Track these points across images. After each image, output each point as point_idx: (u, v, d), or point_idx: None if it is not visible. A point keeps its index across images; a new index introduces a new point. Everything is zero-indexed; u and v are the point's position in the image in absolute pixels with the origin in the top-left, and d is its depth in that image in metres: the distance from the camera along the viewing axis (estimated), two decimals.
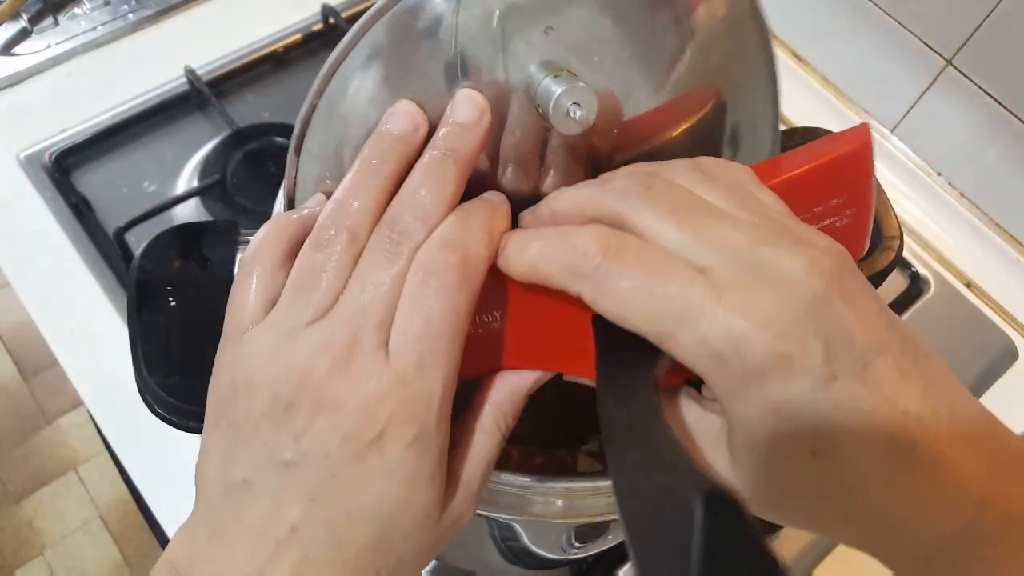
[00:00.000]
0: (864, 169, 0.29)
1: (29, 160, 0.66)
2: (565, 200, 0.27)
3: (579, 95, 0.26)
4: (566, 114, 0.26)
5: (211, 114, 0.71)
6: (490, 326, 0.28)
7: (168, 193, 0.66)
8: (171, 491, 0.54)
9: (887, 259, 0.40)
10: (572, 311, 0.26)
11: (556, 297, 0.26)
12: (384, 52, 0.27)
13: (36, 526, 1.38)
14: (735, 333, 0.22)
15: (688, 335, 0.23)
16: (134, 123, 0.69)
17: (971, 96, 0.68)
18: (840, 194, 0.29)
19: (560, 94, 0.26)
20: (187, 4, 0.76)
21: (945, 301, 0.69)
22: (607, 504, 0.33)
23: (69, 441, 1.46)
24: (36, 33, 0.73)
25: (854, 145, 0.29)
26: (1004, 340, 0.67)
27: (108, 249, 0.62)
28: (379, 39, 0.27)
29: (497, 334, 0.28)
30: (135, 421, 0.55)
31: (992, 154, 0.70)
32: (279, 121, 0.70)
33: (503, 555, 0.48)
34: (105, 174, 0.67)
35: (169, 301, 0.34)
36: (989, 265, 0.72)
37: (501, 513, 0.33)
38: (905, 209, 0.74)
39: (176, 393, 0.32)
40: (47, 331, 0.59)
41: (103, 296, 0.61)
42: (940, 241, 0.73)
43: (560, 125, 0.26)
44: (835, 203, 0.29)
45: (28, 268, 0.62)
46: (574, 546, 0.48)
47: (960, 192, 0.75)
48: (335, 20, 0.74)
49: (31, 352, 1.53)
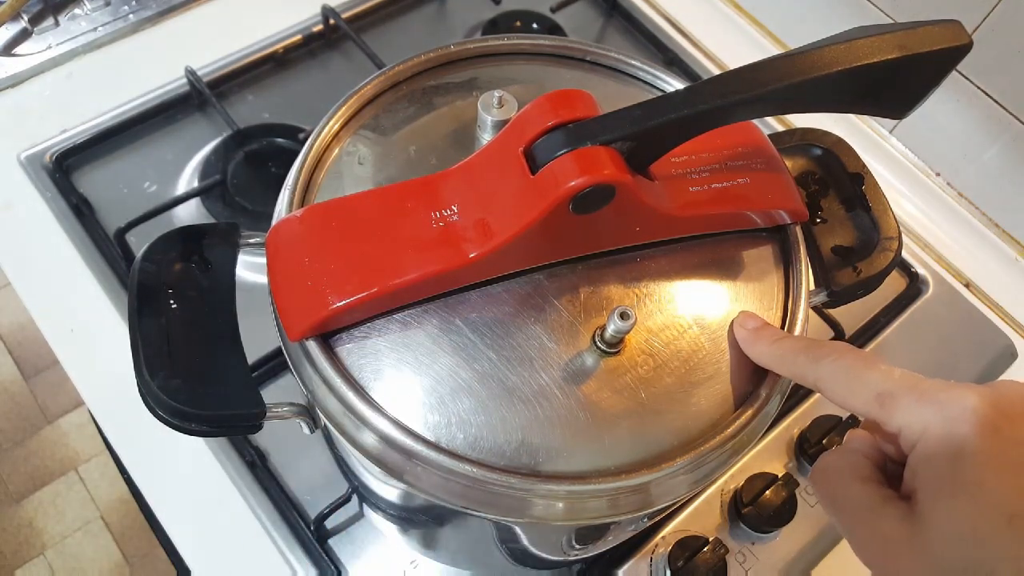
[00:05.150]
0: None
1: (30, 160, 0.66)
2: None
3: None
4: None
5: (211, 115, 0.71)
6: (448, 219, 0.33)
7: (169, 194, 0.66)
8: (172, 491, 0.54)
9: (886, 259, 0.40)
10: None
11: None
12: None
13: (37, 526, 1.38)
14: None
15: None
16: (135, 124, 0.69)
17: (970, 96, 0.68)
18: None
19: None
20: (188, 5, 0.76)
21: (944, 301, 0.69)
22: (608, 506, 0.34)
23: (70, 441, 1.46)
24: (37, 34, 0.73)
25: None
26: (1003, 340, 0.68)
27: (108, 249, 0.63)
28: None
29: (455, 226, 0.33)
30: (136, 421, 0.55)
31: (991, 154, 0.70)
32: (279, 122, 0.70)
33: (503, 556, 0.48)
34: (106, 174, 0.67)
35: (170, 303, 0.34)
36: (988, 265, 0.72)
37: (502, 515, 0.33)
38: (904, 209, 0.75)
39: (178, 396, 0.32)
40: (48, 331, 0.59)
41: (103, 296, 0.61)
42: (939, 241, 0.73)
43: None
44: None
45: (29, 268, 0.62)
46: (574, 547, 0.48)
47: (959, 192, 0.75)
48: (335, 21, 0.74)
49: (31, 352, 1.53)
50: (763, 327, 0.36)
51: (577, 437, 0.33)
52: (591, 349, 0.35)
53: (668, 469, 0.33)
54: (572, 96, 0.33)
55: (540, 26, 0.80)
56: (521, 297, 0.36)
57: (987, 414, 0.26)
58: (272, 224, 0.37)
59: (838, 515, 0.30)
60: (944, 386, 0.27)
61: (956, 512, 0.25)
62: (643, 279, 0.37)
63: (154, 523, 0.54)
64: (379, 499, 0.46)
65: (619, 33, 0.82)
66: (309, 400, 0.36)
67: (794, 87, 0.32)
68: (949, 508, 0.26)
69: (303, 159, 0.39)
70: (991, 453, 0.25)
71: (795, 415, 0.60)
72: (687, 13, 0.83)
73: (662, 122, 0.32)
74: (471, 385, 0.34)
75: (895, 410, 0.28)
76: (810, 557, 0.55)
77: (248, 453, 0.56)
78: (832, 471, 0.31)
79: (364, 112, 0.41)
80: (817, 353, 0.32)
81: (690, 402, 0.35)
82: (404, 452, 0.32)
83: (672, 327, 0.36)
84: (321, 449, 0.57)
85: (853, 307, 0.49)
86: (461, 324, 0.35)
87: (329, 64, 0.75)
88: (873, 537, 0.28)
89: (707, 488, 0.56)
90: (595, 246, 0.37)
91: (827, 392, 0.31)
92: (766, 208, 0.38)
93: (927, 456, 0.27)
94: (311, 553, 0.53)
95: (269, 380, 0.59)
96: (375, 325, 0.35)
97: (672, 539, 0.53)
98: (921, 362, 0.65)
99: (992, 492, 0.25)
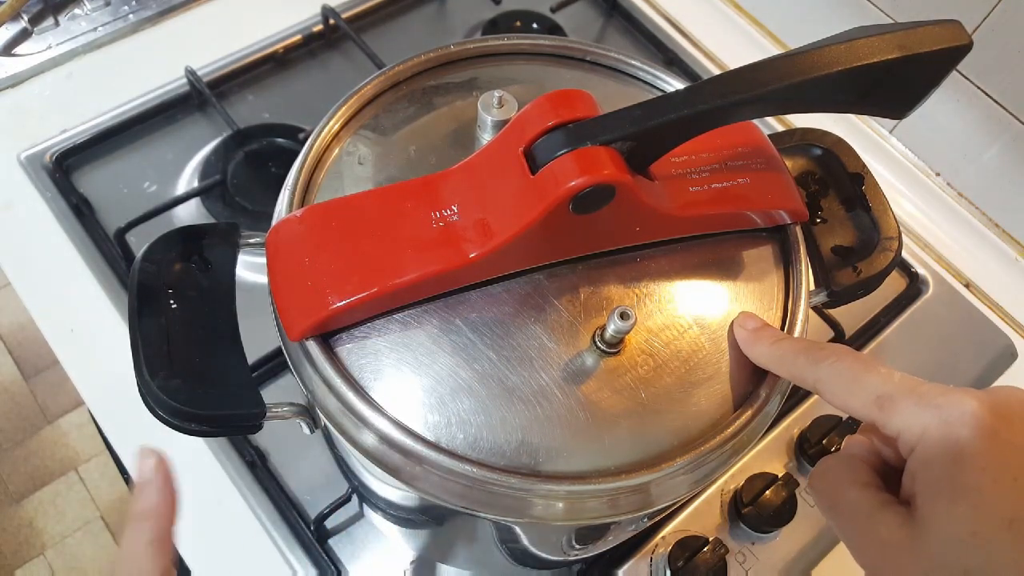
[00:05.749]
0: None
1: (30, 160, 0.66)
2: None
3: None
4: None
5: (211, 115, 0.71)
6: (448, 219, 0.34)
7: (169, 194, 0.66)
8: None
9: (886, 260, 0.40)
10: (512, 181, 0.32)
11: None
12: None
13: (37, 526, 1.38)
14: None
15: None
16: (135, 124, 0.69)
17: (970, 96, 0.68)
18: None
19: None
20: (188, 5, 0.76)
21: (944, 301, 0.69)
22: (608, 506, 0.34)
23: (70, 441, 1.46)
24: (37, 34, 0.73)
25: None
26: (1003, 340, 0.68)
27: (108, 249, 0.63)
28: None
29: (455, 226, 0.33)
30: (136, 421, 0.55)
31: (991, 154, 0.70)
32: (279, 122, 0.70)
33: (503, 556, 0.48)
34: (106, 174, 0.67)
35: (170, 304, 0.34)
36: (988, 265, 0.72)
37: (502, 515, 0.33)
38: (904, 209, 0.75)
39: (178, 396, 0.32)
40: (48, 331, 0.59)
41: (104, 296, 0.61)
42: (939, 241, 0.73)
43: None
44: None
45: (29, 268, 0.62)
46: (574, 547, 0.48)
47: (959, 192, 0.75)
48: (335, 21, 0.74)
49: (31, 352, 1.53)
50: (763, 328, 0.36)
51: (577, 437, 0.33)
52: (591, 349, 0.35)
53: (668, 469, 0.33)
54: (572, 96, 0.33)
55: (540, 26, 0.80)
56: (521, 297, 0.36)
57: (986, 418, 0.26)
58: (272, 224, 0.37)
59: (836, 520, 0.30)
60: (943, 390, 0.27)
61: (955, 516, 0.25)
62: (643, 279, 0.37)
63: None
64: (379, 499, 0.46)
65: (619, 33, 0.82)
66: (309, 400, 0.36)
67: (794, 87, 0.32)
68: (948, 512, 0.26)
69: (303, 159, 0.39)
70: (990, 457, 0.25)
71: (795, 415, 0.60)
72: (687, 13, 0.83)
73: (662, 122, 0.32)
74: (471, 385, 0.34)
75: (894, 413, 0.28)
76: (810, 557, 0.55)
77: (248, 453, 0.56)
78: (830, 476, 0.31)
79: (364, 112, 0.42)
80: (817, 355, 0.32)
81: (690, 402, 0.35)
82: (404, 452, 0.32)
83: (672, 327, 0.36)
84: (321, 449, 0.57)
85: (853, 307, 0.49)
86: (461, 324, 0.35)
87: (329, 64, 0.75)
88: (872, 542, 0.28)
89: (707, 488, 0.56)
90: (595, 246, 0.37)
91: (826, 394, 0.31)
92: (766, 208, 0.38)
93: (926, 460, 0.27)
94: (311, 553, 0.53)
95: (269, 380, 0.59)
96: (375, 325, 0.35)
97: (672, 539, 0.53)
98: (921, 362, 0.65)
99: (991, 496, 0.25)
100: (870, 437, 0.31)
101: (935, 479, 0.26)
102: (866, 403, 0.29)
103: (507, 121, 0.36)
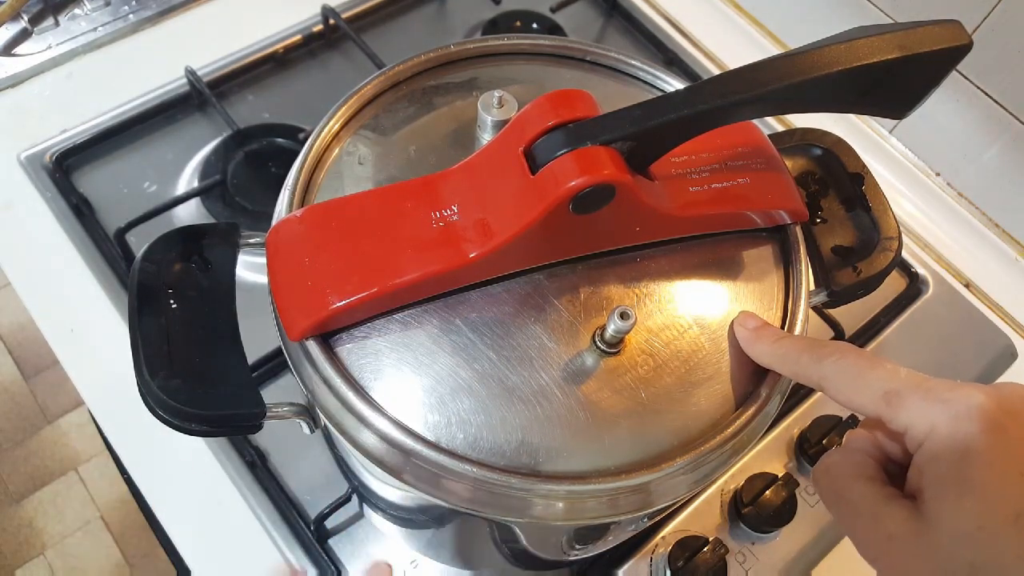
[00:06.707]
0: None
1: (30, 160, 0.66)
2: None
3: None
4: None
5: (211, 115, 0.71)
6: (448, 219, 0.34)
7: (169, 194, 0.66)
8: (172, 491, 0.54)
9: (886, 260, 0.40)
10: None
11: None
12: None
13: (37, 526, 1.38)
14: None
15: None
16: (135, 124, 0.69)
17: (970, 96, 0.68)
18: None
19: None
20: (187, 5, 0.76)
21: (944, 301, 0.69)
22: (608, 506, 0.34)
23: (70, 441, 1.46)
24: (37, 34, 0.73)
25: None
26: (1003, 340, 0.68)
27: (108, 249, 0.63)
28: None
29: (455, 225, 0.33)
30: (136, 421, 0.55)
31: (991, 154, 0.70)
32: (279, 122, 0.70)
33: (503, 556, 0.48)
34: (106, 175, 0.67)
35: (170, 304, 0.34)
36: (988, 265, 0.72)
37: (502, 515, 0.33)
38: (904, 209, 0.75)
39: (178, 396, 0.32)
40: (48, 331, 0.59)
41: (103, 296, 0.61)
42: (939, 241, 0.73)
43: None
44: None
45: (28, 268, 0.62)
46: (574, 547, 0.48)
47: (959, 192, 0.75)
48: (335, 21, 0.74)
49: (31, 352, 1.53)
50: (764, 327, 0.36)
51: (577, 437, 0.33)
52: (591, 349, 0.35)
53: (668, 469, 0.33)
54: (572, 96, 0.33)
55: (540, 26, 0.80)
56: (521, 297, 0.36)
57: (994, 413, 0.26)
58: (272, 224, 0.37)
59: (842, 514, 0.30)
60: (951, 385, 0.28)
61: (963, 511, 0.25)
62: (643, 279, 0.37)
63: (154, 523, 0.54)
64: (379, 499, 0.46)
65: (619, 33, 0.82)
66: (309, 400, 0.36)
67: (794, 87, 0.32)
68: (956, 507, 0.26)
69: (303, 159, 0.39)
70: (998, 452, 0.25)
71: (795, 415, 0.61)
72: (687, 13, 0.83)
73: (662, 122, 0.32)
74: (471, 385, 0.34)
75: (901, 409, 0.28)
76: (810, 557, 0.55)
77: (248, 453, 0.56)
78: (835, 470, 0.31)
79: (364, 112, 0.42)
80: (820, 352, 0.32)
81: (690, 402, 0.35)
82: (404, 452, 0.32)
83: (672, 327, 0.36)
84: (321, 449, 0.57)
85: (853, 307, 0.49)
86: (461, 324, 0.35)
87: (329, 64, 0.75)
88: (878, 535, 0.28)
89: (707, 488, 0.56)
90: (595, 246, 0.37)
91: (831, 391, 0.31)
92: (766, 208, 0.38)
93: (934, 454, 0.27)
94: (311, 553, 0.53)
95: (269, 380, 0.59)
96: (375, 325, 0.35)
97: (672, 539, 0.53)
98: (921, 362, 0.65)
99: (998, 491, 0.25)
100: (872, 432, 0.31)
101: (943, 474, 0.26)
102: (873, 399, 0.29)
103: (507, 121, 0.36)
